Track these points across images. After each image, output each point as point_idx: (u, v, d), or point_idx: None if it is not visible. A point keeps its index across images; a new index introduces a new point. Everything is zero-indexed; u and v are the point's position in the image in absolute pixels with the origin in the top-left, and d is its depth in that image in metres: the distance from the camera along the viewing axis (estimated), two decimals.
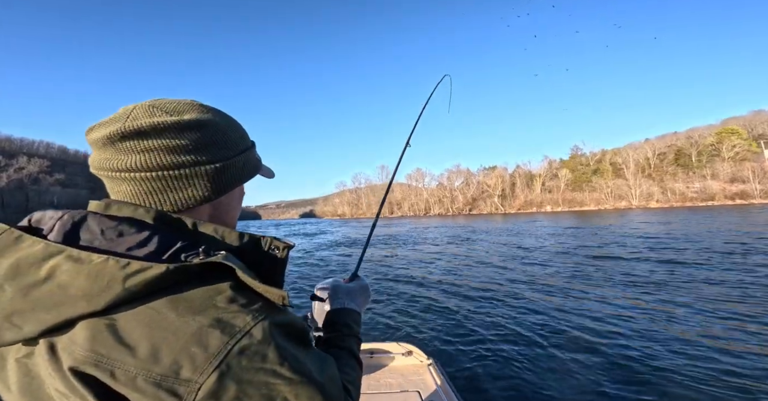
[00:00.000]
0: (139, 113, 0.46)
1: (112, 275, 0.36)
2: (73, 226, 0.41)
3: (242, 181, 0.55)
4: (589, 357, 3.73)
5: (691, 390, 3.06)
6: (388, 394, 1.83)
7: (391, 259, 12.55)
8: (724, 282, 6.76)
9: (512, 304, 5.99)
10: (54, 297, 0.36)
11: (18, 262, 0.38)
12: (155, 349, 0.36)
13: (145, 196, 0.46)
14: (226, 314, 0.39)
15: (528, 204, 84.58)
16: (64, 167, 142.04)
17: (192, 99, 0.52)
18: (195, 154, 0.47)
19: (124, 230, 0.41)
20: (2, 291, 0.37)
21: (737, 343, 3.95)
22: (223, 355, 0.36)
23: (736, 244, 11.76)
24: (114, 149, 0.45)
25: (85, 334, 0.37)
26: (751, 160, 63.79)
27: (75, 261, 0.37)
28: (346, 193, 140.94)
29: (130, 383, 0.35)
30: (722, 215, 28.41)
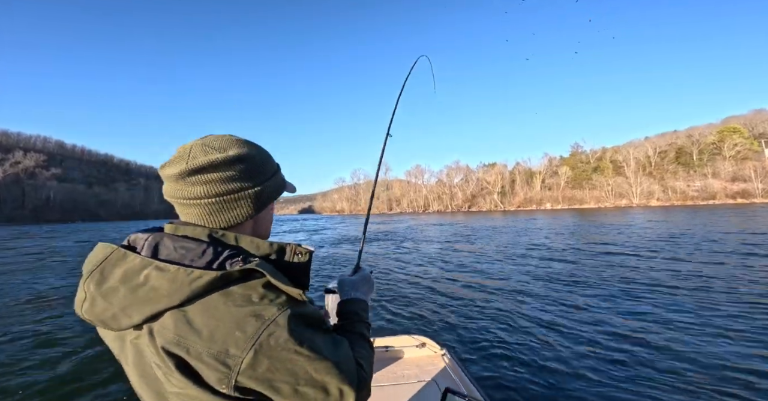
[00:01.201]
0: (196, 152, 0.61)
1: (182, 280, 0.54)
2: (156, 245, 0.59)
3: (274, 198, 0.71)
4: (593, 349, 3.77)
5: (690, 389, 3.01)
6: (405, 385, 1.87)
7: (393, 255, 12.53)
8: (735, 281, 6.53)
9: (516, 297, 6.00)
10: (149, 295, 0.54)
11: (125, 271, 0.57)
12: (212, 333, 0.53)
13: (207, 216, 0.63)
14: (258, 307, 0.54)
15: (528, 202, 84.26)
16: (62, 162, 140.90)
17: (230, 134, 0.67)
18: (241, 181, 0.63)
19: (187, 246, 0.58)
20: (118, 292, 0.56)
21: (747, 344, 3.86)
22: (257, 337, 0.52)
23: (748, 244, 11.38)
24: (183, 183, 0.61)
25: (170, 322, 0.54)
26: (752, 159, 63.44)
27: (160, 270, 0.55)
28: (345, 189, 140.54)
29: (198, 357, 0.53)
30: (726, 214, 28.07)
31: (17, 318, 5.77)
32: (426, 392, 1.82)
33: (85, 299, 0.59)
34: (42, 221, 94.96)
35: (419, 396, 1.80)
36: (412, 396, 1.79)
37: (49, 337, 4.74)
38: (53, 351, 4.27)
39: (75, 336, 4.72)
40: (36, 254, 15.62)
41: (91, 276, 0.59)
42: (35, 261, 13.01)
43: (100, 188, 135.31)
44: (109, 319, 0.57)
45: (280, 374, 0.54)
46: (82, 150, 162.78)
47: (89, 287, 0.58)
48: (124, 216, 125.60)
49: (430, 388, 1.85)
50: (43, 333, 4.88)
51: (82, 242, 21.99)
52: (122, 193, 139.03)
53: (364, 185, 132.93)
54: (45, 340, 4.63)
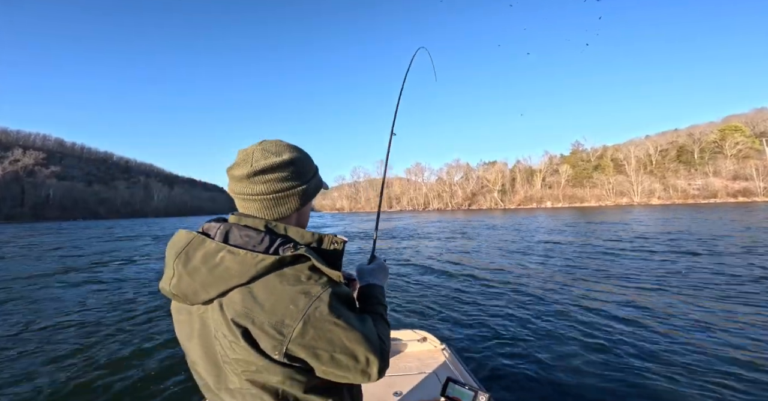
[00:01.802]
0: (258, 156, 0.73)
1: (249, 262, 0.66)
2: (226, 233, 0.71)
3: (316, 194, 0.83)
4: (591, 344, 3.82)
5: (683, 383, 3.00)
6: (408, 376, 1.97)
7: (394, 253, 12.59)
8: (737, 279, 6.39)
9: (515, 294, 6.07)
10: (224, 274, 0.66)
11: (205, 254, 0.69)
12: (273, 306, 0.65)
13: (264, 210, 0.75)
14: (307, 285, 0.66)
15: (528, 200, 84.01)
16: (61, 160, 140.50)
17: (279, 139, 0.80)
18: (292, 180, 0.76)
19: (250, 234, 0.70)
20: (200, 271, 0.68)
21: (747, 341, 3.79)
22: (306, 310, 0.64)
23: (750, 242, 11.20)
24: (248, 182, 0.73)
25: (239, 297, 0.66)
26: (753, 157, 63.18)
27: (232, 253, 0.67)
28: (345, 187, 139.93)
29: (261, 327, 0.64)
30: (728, 212, 27.86)
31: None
32: (427, 382, 1.91)
33: (173, 276, 0.70)
34: (41, 220, 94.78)
35: (421, 385, 1.88)
36: (414, 386, 1.87)
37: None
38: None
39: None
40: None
41: (178, 258, 0.70)
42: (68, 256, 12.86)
43: (100, 186, 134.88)
44: (191, 294, 0.69)
45: (322, 342, 0.65)
46: (81, 148, 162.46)
47: (177, 266, 0.70)
48: (123, 214, 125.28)
49: (430, 379, 1.94)
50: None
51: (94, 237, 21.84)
52: (122, 191, 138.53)
53: (365, 183, 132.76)
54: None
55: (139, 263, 11.22)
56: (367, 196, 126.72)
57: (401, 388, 1.85)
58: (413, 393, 1.81)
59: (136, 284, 7.81)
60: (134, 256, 13.16)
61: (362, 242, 17.02)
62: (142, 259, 12.36)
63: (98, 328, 4.82)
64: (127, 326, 4.90)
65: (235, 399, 0.72)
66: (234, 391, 0.71)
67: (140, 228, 34.78)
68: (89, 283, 8.11)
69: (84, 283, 8.11)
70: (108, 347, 4.13)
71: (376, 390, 1.84)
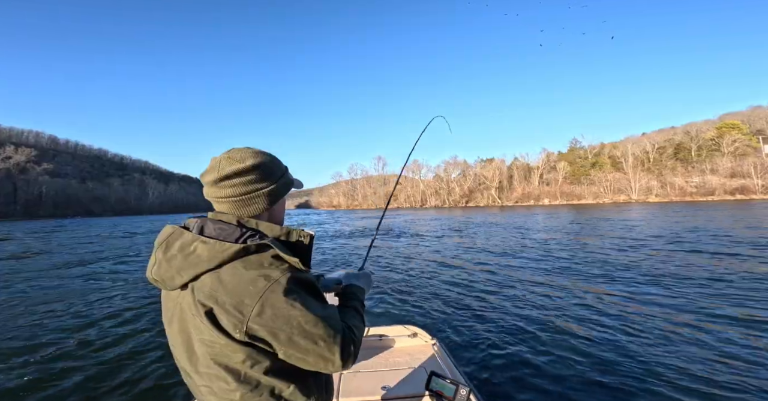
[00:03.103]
0: (224, 164, 0.81)
1: (218, 250, 0.73)
2: (202, 226, 0.79)
3: (283, 194, 0.90)
4: (579, 341, 3.84)
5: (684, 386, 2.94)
6: (396, 371, 2.01)
7: (391, 250, 12.53)
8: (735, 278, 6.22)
9: (508, 292, 6.09)
10: (195, 260, 0.73)
11: (182, 243, 0.77)
12: (234, 288, 0.71)
13: (235, 209, 0.82)
14: (267, 270, 0.72)
15: (525, 197, 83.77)
16: (54, 157, 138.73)
17: (249, 147, 0.86)
18: (256, 183, 0.82)
19: (222, 227, 0.78)
20: (176, 258, 0.76)
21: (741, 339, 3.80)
22: (263, 292, 0.70)
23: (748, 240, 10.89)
24: (216, 187, 0.81)
25: (207, 281, 0.73)
26: (750, 155, 63.11)
27: (204, 243, 0.74)
28: (342, 184, 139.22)
29: (223, 306, 0.70)
30: (725, 210, 27.60)
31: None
32: (415, 377, 1.93)
33: (155, 263, 0.79)
34: (35, 218, 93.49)
35: (408, 380, 1.91)
36: (401, 380, 1.90)
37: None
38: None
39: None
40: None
41: (160, 247, 0.79)
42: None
43: (94, 183, 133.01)
44: (168, 278, 0.77)
45: (279, 322, 0.70)
46: (75, 145, 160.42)
47: (159, 254, 0.79)
48: (118, 212, 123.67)
49: (418, 373, 1.96)
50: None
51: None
52: (116, 188, 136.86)
53: (362, 180, 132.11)
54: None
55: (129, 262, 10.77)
56: (364, 193, 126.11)
57: (389, 382, 1.88)
58: (400, 387, 1.83)
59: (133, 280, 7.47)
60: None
61: (356, 240, 16.49)
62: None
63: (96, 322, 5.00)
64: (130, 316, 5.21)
65: (204, 382, 0.77)
66: (203, 374, 0.76)
67: (134, 226, 34.05)
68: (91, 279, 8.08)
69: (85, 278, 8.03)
70: (109, 336, 4.40)
71: (364, 384, 1.86)
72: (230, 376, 0.73)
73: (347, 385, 1.88)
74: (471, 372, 3.14)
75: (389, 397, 1.75)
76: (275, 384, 0.76)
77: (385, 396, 1.76)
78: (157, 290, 0.83)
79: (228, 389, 0.75)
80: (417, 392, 1.76)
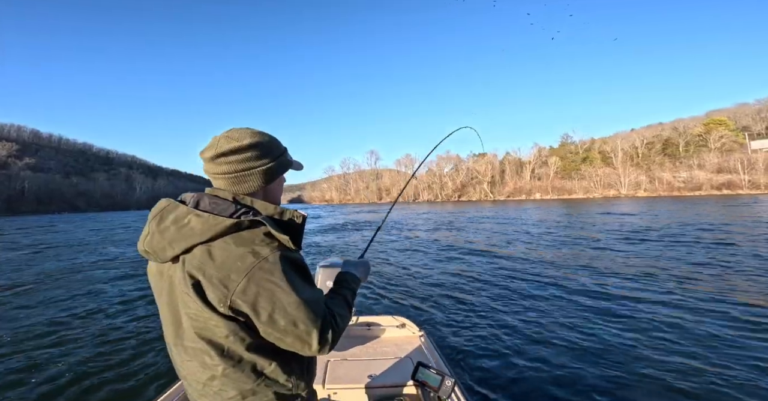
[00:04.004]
0: (222, 143, 0.82)
1: (211, 223, 0.73)
2: (197, 200, 0.80)
3: (281, 174, 0.90)
4: (565, 335, 3.89)
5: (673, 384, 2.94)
6: (383, 360, 2.03)
7: (383, 243, 12.70)
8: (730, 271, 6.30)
9: (497, 285, 6.13)
10: (188, 232, 0.74)
11: (176, 216, 0.77)
12: (223, 262, 0.72)
13: (230, 186, 0.83)
14: (257, 247, 0.73)
15: (517, 191, 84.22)
16: (37, 151, 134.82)
17: (248, 127, 0.87)
18: (252, 161, 0.83)
19: (217, 202, 0.79)
20: (169, 229, 0.76)
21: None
22: (251, 268, 0.70)
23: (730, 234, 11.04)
24: (214, 163, 0.82)
25: (198, 253, 0.74)
26: (737, 151, 64.18)
27: (197, 216, 0.75)
28: (335, 178, 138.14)
29: (210, 279, 0.71)
30: (711, 205, 27.98)
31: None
32: (401, 367, 1.95)
33: (148, 234, 0.79)
34: (17, 213, 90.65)
35: (394, 369, 1.93)
36: (387, 369, 1.92)
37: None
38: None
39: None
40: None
41: (154, 219, 0.80)
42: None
43: (79, 178, 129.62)
44: (160, 250, 0.77)
45: (263, 300, 0.70)
46: (58, 139, 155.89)
47: (152, 226, 0.79)
48: (104, 207, 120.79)
49: (405, 364, 1.98)
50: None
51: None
52: (102, 183, 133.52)
53: (354, 174, 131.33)
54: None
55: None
56: (357, 187, 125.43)
57: (375, 371, 1.90)
58: (386, 376, 1.86)
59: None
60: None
61: (350, 233, 16.08)
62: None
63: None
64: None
65: (188, 356, 0.78)
66: (188, 348, 0.77)
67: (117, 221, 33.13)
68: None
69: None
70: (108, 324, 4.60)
71: (350, 371, 1.88)
72: (213, 350, 0.74)
73: (334, 372, 1.89)
74: (456, 364, 3.19)
75: (375, 385, 1.77)
76: (257, 360, 0.76)
77: (372, 384, 1.78)
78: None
79: (211, 363, 0.75)
80: (403, 381, 1.78)
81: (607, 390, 2.80)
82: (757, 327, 3.84)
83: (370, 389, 1.76)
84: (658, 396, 2.73)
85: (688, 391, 2.75)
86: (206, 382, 0.77)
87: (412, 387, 1.73)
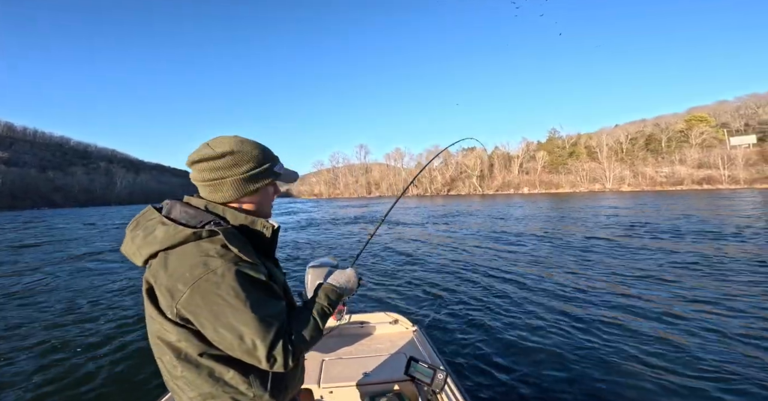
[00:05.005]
0: (200, 149, 0.83)
1: (171, 232, 0.75)
2: (170, 209, 0.82)
3: (256, 185, 0.86)
4: (557, 329, 3.88)
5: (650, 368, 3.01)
6: (377, 357, 2.05)
7: (376, 239, 12.55)
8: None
9: (488, 280, 6.11)
10: (152, 240, 0.76)
11: (147, 223, 0.80)
12: (174, 271, 0.72)
13: (207, 194, 0.85)
14: (210, 258, 0.72)
15: (506, 185, 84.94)
16: (11, 145, 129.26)
17: (235, 135, 0.87)
18: (223, 170, 0.82)
19: (187, 211, 0.80)
20: (138, 236, 0.79)
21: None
22: (197, 279, 0.70)
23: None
24: (192, 169, 0.84)
25: (156, 260, 0.77)
26: (717, 147, 65.94)
27: (164, 225, 0.77)
28: (324, 172, 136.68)
29: (160, 287, 0.73)
30: (691, 199, 28.59)
31: None
32: (395, 362, 1.97)
33: (125, 240, 0.82)
34: None
35: (388, 364, 1.95)
36: (381, 365, 1.94)
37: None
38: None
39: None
40: None
41: (130, 225, 0.83)
42: None
43: (55, 172, 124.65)
44: (132, 255, 0.80)
45: (206, 312, 0.70)
46: (34, 133, 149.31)
47: (127, 232, 0.82)
48: (82, 202, 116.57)
49: (398, 359, 2.00)
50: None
51: None
52: (80, 177, 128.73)
53: (343, 168, 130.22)
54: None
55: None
56: (346, 182, 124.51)
57: (369, 367, 1.92)
58: (380, 372, 1.88)
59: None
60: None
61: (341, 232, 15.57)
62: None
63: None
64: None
65: (157, 356, 0.81)
66: (154, 345, 0.80)
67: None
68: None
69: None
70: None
71: (345, 369, 1.91)
72: (172, 353, 0.75)
73: (329, 370, 1.92)
74: (449, 358, 3.23)
75: (369, 382, 1.79)
76: (214, 366, 0.76)
77: (366, 380, 1.80)
78: None
79: (171, 364, 0.77)
80: (396, 377, 1.79)
81: (596, 378, 2.84)
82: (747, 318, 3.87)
83: (365, 385, 1.78)
84: (650, 383, 2.76)
85: (685, 383, 2.75)
86: (172, 380, 0.79)
87: (405, 381, 1.74)
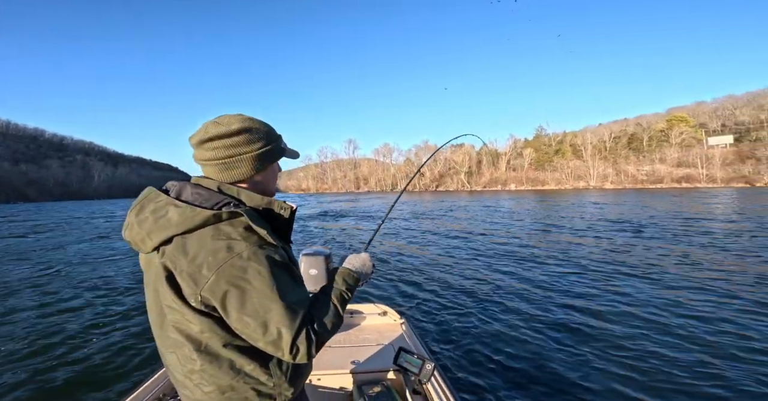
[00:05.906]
0: (209, 128, 0.78)
1: (188, 215, 0.70)
2: (179, 190, 0.77)
3: (271, 162, 0.85)
4: (542, 322, 3.92)
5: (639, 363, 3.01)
6: (366, 347, 2.07)
7: (366, 232, 12.78)
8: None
9: (475, 274, 6.12)
10: (165, 223, 0.71)
11: (155, 206, 0.74)
12: (195, 256, 0.69)
13: (217, 173, 0.80)
14: (233, 241, 0.69)
15: (493, 182, 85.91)
16: None
17: (240, 113, 0.83)
18: (241, 147, 0.78)
19: (200, 192, 0.75)
20: (147, 220, 0.74)
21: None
22: (222, 264, 0.67)
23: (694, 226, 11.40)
24: (201, 149, 0.79)
25: (173, 245, 0.71)
26: (695, 146, 68.11)
27: (177, 207, 0.72)
28: (312, 167, 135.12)
29: (181, 273, 0.69)
30: (669, 197, 29.37)
31: None
32: (383, 353, 2.00)
33: (127, 225, 0.78)
34: None
35: (377, 355, 1.98)
36: (370, 356, 1.96)
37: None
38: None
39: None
40: None
41: (134, 209, 0.77)
42: None
43: (29, 165, 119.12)
44: (140, 241, 0.75)
45: (232, 298, 0.67)
46: (6, 124, 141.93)
47: (132, 216, 0.77)
48: (57, 196, 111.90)
49: (387, 350, 2.03)
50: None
51: None
52: (55, 170, 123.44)
53: (332, 163, 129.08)
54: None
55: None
56: (334, 177, 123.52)
57: (358, 357, 1.93)
58: (369, 362, 1.89)
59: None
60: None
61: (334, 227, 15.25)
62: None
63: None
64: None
65: (170, 347, 0.76)
66: (170, 339, 0.75)
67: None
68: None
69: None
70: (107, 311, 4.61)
71: (334, 358, 1.92)
72: (191, 345, 0.72)
73: (318, 359, 1.91)
74: (436, 350, 3.29)
75: (358, 371, 1.81)
76: (235, 358, 0.73)
77: (355, 369, 1.81)
78: None
79: (189, 357, 0.73)
80: (385, 366, 1.81)
81: (584, 370, 2.87)
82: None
83: (353, 374, 1.78)
84: (635, 371, 2.80)
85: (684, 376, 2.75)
86: (186, 374, 0.75)
87: (393, 371, 1.76)
